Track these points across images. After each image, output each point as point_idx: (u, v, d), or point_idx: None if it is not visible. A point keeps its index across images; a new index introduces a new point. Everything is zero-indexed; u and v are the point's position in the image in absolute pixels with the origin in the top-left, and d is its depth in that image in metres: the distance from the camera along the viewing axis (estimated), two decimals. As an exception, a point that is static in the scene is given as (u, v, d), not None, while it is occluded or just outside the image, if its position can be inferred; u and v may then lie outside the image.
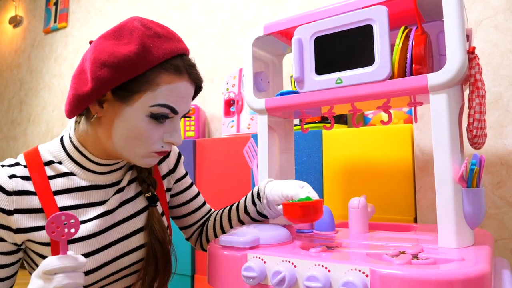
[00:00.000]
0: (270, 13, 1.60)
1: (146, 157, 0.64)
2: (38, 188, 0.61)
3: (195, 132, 1.55)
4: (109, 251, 0.65)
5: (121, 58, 0.57)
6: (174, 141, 0.64)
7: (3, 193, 0.59)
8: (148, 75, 0.59)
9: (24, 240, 0.61)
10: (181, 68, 0.61)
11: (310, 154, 1.13)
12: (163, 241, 0.69)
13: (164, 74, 0.60)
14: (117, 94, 0.60)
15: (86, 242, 0.62)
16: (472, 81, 0.64)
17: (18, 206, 0.60)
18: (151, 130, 0.61)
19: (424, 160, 0.99)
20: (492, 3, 1.05)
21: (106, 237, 0.65)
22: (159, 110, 0.60)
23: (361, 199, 0.79)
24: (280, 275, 0.54)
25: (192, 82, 0.64)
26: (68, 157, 0.66)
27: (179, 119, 0.65)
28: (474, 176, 0.61)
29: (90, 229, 0.63)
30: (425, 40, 0.67)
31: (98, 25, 2.30)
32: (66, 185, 0.64)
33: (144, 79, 0.59)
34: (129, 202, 0.70)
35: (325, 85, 0.72)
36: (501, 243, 0.95)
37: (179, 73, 0.61)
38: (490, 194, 0.97)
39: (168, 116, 0.62)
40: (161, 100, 0.60)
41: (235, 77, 1.48)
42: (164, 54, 0.59)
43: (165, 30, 0.62)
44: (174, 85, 0.60)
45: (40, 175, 0.62)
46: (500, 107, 0.99)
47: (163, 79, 0.59)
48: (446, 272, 0.47)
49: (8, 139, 2.85)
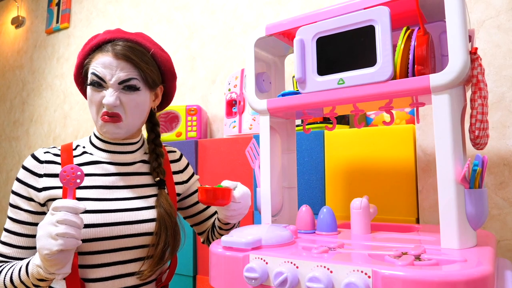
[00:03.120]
0: (272, 14, 1.60)
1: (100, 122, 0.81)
2: (64, 161, 0.82)
3: (197, 132, 1.55)
4: (117, 215, 0.79)
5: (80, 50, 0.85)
6: (105, 101, 0.79)
7: (37, 161, 0.81)
8: (90, 57, 0.83)
9: (46, 200, 0.79)
10: (107, 47, 0.80)
11: (312, 154, 1.13)
12: (171, 215, 0.83)
13: (96, 54, 0.81)
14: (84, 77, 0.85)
15: (92, 202, 0.79)
16: (475, 82, 0.64)
17: (47, 171, 0.81)
18: (94, 95, 0.80)
19: (426, 160, 0.98)
20: (494, 3, 1.05)
21: (113, 205, 0.80)
22: (91, 78, 0.80)
23: (363, 199, 0.79)
24: (282, 276, 0.55)
25: (115, 55, 0.80)
26: (89, 141, 0.88)
27: (115, 86, 0.79)
28: (477, 176, 0.60)
29: (97, 194, 0.80)
30: (427, 40, 0.66)
31: (100, 26, 2.30)
32: (86, 159, 0.84)
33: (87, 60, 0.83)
34: (141, 186, 0.86)
35: (327, 86, 0.72)
36: (503, 244, 0.95)
37: (102, 50, 0.81)
38: (492, 195, 0.97)
39: (99, 82, 0.79)
40: (91, 70, 0.80)
41: (237, 78, 1.48)
42: (97, 42, 0.82)
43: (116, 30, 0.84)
44: (98, 60, 0.80)
45: (67, 154, 0.84)
46: (503, 107, 0.99)
47: (93, 58, 0.81)
48: (449, 273, 0.47)
49: (11, 139, 2.86)
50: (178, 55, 1.89)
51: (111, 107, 0.79)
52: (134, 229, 0.80)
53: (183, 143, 1.39)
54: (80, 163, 0.83)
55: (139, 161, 0.89)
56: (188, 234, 1.32)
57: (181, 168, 0.96)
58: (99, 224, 0.77)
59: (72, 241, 0.66)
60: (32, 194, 0.79)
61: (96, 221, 0.77)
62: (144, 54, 0.82)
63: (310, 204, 1.10)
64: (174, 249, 0.84)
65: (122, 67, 0.79)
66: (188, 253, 1.32)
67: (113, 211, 0.79)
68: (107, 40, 0.82)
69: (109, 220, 0.78)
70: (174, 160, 0.96)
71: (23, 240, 0.78)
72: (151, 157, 0.89)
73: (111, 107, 0.79)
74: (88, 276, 0.77)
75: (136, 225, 0.80)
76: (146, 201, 0.84)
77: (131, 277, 0.80)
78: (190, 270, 1.31)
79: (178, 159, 0.97)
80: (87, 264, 0.77)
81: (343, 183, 1.07)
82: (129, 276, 0.80)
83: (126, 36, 0.83)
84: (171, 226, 0.82)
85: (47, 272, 0.68)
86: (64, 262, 0.67)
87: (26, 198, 0.79)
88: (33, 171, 0.80)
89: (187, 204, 0.97)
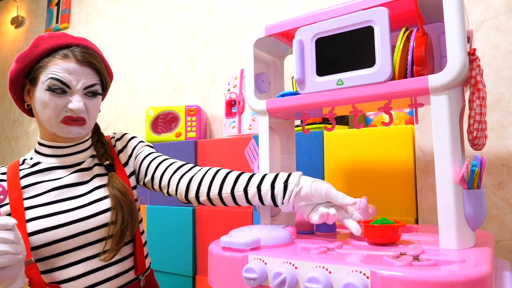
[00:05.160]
0: (272, 14, 1.60)
1: (60, 126, 0.82)
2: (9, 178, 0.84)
3: (197, 133, 1.55)
4: (71, 214, 0.80)
5: (20, 54, 0.84)
6: (72, 107, 0.80)
7: None
8: (43, 62, 0.82)
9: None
10: (67, 53, 0.81)
11: (311, 155, 1.13)
12: (125, 193, 0.85)
13: (53, 59, 0.81)
14: (30, 81, 0.84)
15: (42, 208, 0.80)
16: (473, 83, 0.64)
17: None
18: (53, 100, 0.80)
19: (425, 161, 0.99)
20: (493, 4, 1.05)
21: (65, 205, 0.81)
22: (50, 83, 0.80)
23: (362, 200, 0.79)
24: (281, 276, 0.55)
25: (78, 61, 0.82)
26: (34, 151, 0.90)
27: (80, 92, 0.82)
28: (475, 177, 0.61)
29: (47, 198, 0.82)
30: (426, 41, 0.67)
31: (99, 26, 2.31)
32: (31, 170, 0.86)
33: (40, 65, 0.82)
34: (92, 179, 0.87)
35: (326, 87, 0.73)
36: (502, 244, 0.95)
37: (65, 57, 0.81)
38: (491, 195, 0.97)
39: (63, 88, 0.80)
40: (50, 75, 0.80)
41: (237, 78, 1.48)
42: (51, 46, 0.81)
43: (61, 33, 0.85)
44: (61, 65, 0.80)
45: (13, 170, 0.86)
46: (501, 108, 0.99)
47: (52, 62, 0.81)
48: (447, 274, 0.47)
49: (10, 139, 2.86)
50: (178, 55, 1.89)
51: (79, 112, 0.82)
52: (91, 224, 0.81)
53: (182, 144, 1.39)
54: (27, 174, 0.85)
55: (89, 157, 0.91)
56: (188, 235, 1.32)
57: (124, 143, 0.97)
58: (53, 227, 0.78)
59: (9, 257, 0.63)
60: None
61: (50, 224, 0.78)
62: (102, 60, 0.87)
63: (309, 204, 1.10)
64: (133, 227, 0.84)
65: (86, 73, 0.83)
66: (187, 253, 1.32)
67: (66, 211, 0.80)
68: (63, 45, 0.82)
69: (63, 220, 0.79)
70: (117, 139, 0.97)
71: None
72: (97, 147, 0.92)
73: (79, 111, 0.82)
74: (61, 278, 0.79)
75: (92, 219, 0.81)
76: (101, 191, 0.86)
77: (105, 270, 0.82)
78: (189, 270, 1.31)
79: (120, 138, 0.98)
80: (55, 267, 0.79)
81: (342, 184, 1.07)
82: (103, 269, 0.82)
83: (82, 42, 0.85)
84: (126, 204, 0.83)
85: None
86: (11, 278, 0.65)
87: None
88: None
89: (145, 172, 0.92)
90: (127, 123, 2.07)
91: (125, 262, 0.86)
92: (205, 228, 1.31)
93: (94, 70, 0.84)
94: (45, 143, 0.88)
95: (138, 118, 2.03)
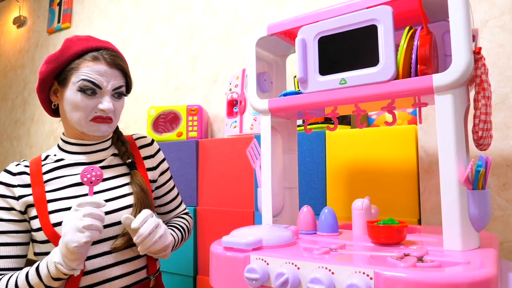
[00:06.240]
0: (274, 14, 1.59)
1: (90, 124, 0.86)
2: (33, 172, 0.87)
3: (198, 132, 1.54)
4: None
5: (51, 56, 0.87)
6: (103, 107, 0.84)
7: (10, 174, 0.86)
8: (74, 63, 0.85)
9: (25, 207, 0.83)
10: (97, 56, 0.85)
11: (313, 154, 1.12)
12: (146, 190, 0.89)
13: (84, 61, 0.85)
14: (59, 82, 0.87)
15: (64, 201, 0.83)
16: (478, 82, 0.63)
17: (20, 182, 0.85)
18: (84, 101, 0.84)
19: (429, 161, 0.98)
20: (498, 3, 1.04)
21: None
22: (82, 84, 0.83)
23: (365, 200, 0.78)
24: (283, 277, 0.54)
25: (108, 63, 0.86)
26: (57, 148, 0.93)
27: (109, 93, 0.86)
28: (480, 178, 0.60)
29: (69, 193, 0.85)
30: (430, 40, 0.66)
31: (101, 25, 2.30)
32: (54, 166, 0.89)
33: (71, 66, 0.85)
34: (114, 177, 0.91)
35: (328, 86, 0.72)
36: (506, 245, 0.94)
37: (96, 59, 0.85)
38: (495, 196, 0.96)
39: (94, 89, 0.84)
40: (83, 77, 0.83)
41: (238, 78, 1.47)
42: (82, 49, 0.85)
43: (88, 36, 0.89)
44: (92, 67, 0.84)
45: (36, 165, 0.88)
46: (506, 108, 0.98)
47: (83, 64, 0.84)
48: (452, 275, 0.46)
49: (12, 139, 2.86)
50: (180, 55, 1.89)
51: (109, 112, 0.86)
52: (111, 219, 0.84)
53: (184, 143, 1.39)
54: (51, 168, 0.88)
55: (110, 155, 0.94)
56: (189, 235, 1.32)
57: (152, 152, 1.00)
58: None
59: (97, 233, 0.72)
60: (11, 204, 0.83)
61: None
62: (126, 64, 0.91)
63: (311, 204, 1.10)
64: None
65: (115, 75, 0.87)
66: (188, 253, 1.31)
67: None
68: (93, 48, 0.86)
69: None
70: (145, 145, 1.00)
71: (11, 250, 0.81)
72: (117, 145, 0.96)
73: (109, 112, 0.86)
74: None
75: (111, 215, 0.84)
76: (124, 188, 0.89)
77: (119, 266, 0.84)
78: (190, 270, 1.31)
79: (149, 144, 1.01)
80: None
81: (344, 184, 1.06)
82: (118, 265, 0.84)
83: (109, 46, 0.90)
84: (147, 202, 0.87)
85: (69, 268, 0.72)
86: (84, 256, 0.73)
87: (6, 209, 0.83)
88: (8, 183, 0.84)
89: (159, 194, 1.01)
90: (128, 123, 2.07)
91: (139, 261, 0.88)
92: (207, 228, 1.30)
93: (122, 72, 0.88)
94: (71, 141, 0.90)
95: (139, 117, 2.03)
